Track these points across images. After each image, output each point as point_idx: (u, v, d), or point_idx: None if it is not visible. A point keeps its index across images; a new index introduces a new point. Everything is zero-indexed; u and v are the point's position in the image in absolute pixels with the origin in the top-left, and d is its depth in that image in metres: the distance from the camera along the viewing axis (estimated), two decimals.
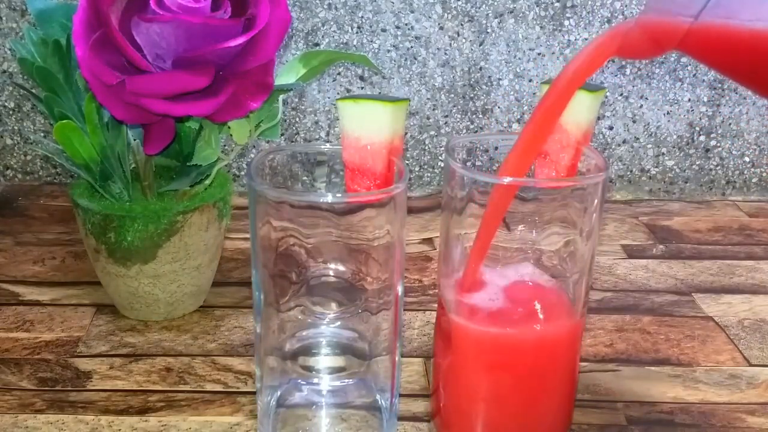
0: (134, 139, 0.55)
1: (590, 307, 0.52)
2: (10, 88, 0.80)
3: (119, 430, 0.48)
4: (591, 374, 0.54)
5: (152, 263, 0.56)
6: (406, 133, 0.82)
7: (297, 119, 0.82)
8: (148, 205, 0.55)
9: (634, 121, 0.82)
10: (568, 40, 0.80)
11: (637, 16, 0.37)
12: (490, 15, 0.79)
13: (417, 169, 0.84)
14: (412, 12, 0.78)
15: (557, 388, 0.45)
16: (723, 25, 0.32)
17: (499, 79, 0.81)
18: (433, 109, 0.82)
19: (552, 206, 0.44)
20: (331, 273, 0.44)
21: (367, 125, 0.41)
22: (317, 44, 0.79)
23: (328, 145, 0.45)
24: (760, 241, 0.75)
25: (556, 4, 0.79)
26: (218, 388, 0.52)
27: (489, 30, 0.79)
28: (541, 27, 0.79)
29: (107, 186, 0.55)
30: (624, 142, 0.83)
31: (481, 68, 0.80)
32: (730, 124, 0.83)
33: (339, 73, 0.80)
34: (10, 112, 0.81)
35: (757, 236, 0.76)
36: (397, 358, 0.44)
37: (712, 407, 0.51)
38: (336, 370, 0.45)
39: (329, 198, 0.40)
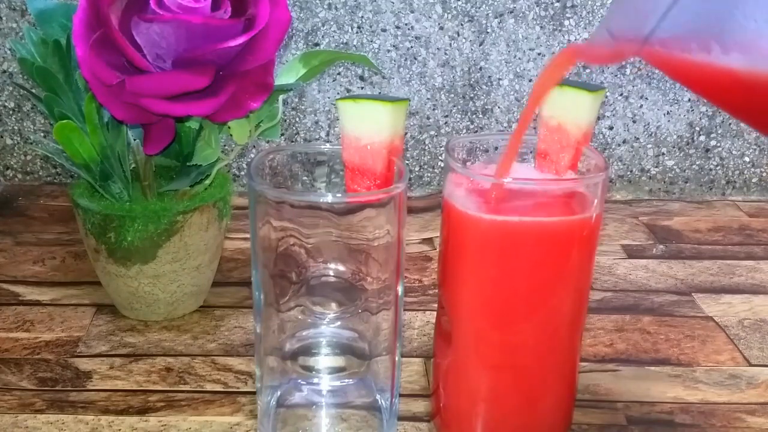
0: (134, 139, 0.55)
1: (590, 307, 0.52)
2: (10, 88, 0.80)
3: (119, 430, 0.48)
4: (591, 374, 0.54)
5: (152, 263, 0.56)
6: (406, 133, 0.82)
7: (297, 119, 0.82)
8: (148, 205, 0.55)
9: (634, 121, 0.82)
10: (568, 40, 0.80)
11: (598, 29, 0.37)
12: (490, 15, 0.79)
13: (417, 169, 0.84)
14: (412, 12, 0.79)
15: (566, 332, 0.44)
16: (664, 53, 0.32)
17: (499, 79, 0.81)
18: (433, 109, 0.82)
19: None
20: (331, 273, 0.44)
21: (367, 125, 0.41)
22: (317, 44, 0.79)
23: (328, 145, 0.45)
24: (760, 241, 0.75)
25: (556, 4, 0.79)
26: (218, 388, 0.52)
27: (489, 30, 0.79)
28: (541, 27, 0.79)
29: (107, 186, 0.55)
30: (624, 142, 0.83)
31: (481, 68, 0.80)
32: (730, 124, 0.83)
33: (339, 73, 0.80)
34: (10, 112, 0.81)
35: (757, 236, 0.76)
36: (397, 358, 0.44)
37: (712, 407, 0.51)
38: (336, 370, 0.45)
39: (329, 198, 0.40)
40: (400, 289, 0.43)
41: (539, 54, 0.80)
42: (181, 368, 0.54)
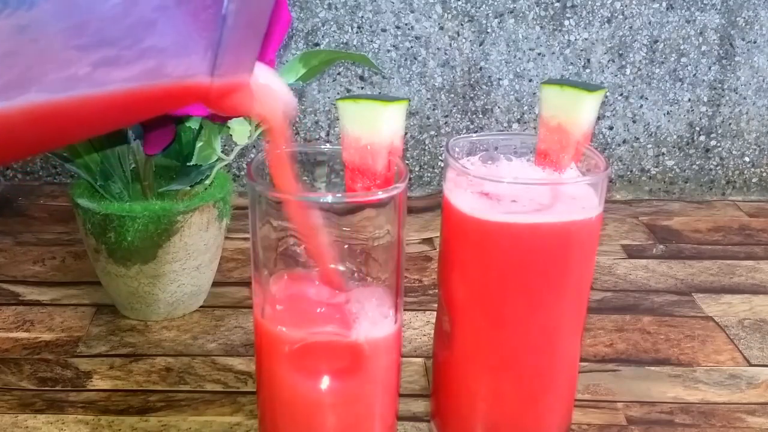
0: (134, 139, 0.55)
1: (590, 307, 0.52)
2: None
3: (119, 430, 0.48)
4: (591, 374, 0.54)
5: (152, 263, 0.56)
6: (406, 133, 0.82)
7: (297, 119, 0.82)
8: (148, 205, 0.55)
9: (634, 121, 0.82)
10: (568, 40, 0.80)
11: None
12: (490, 15, 0.79)
13: (417, 169, 0.84)
14: (412, 12, 0.79)
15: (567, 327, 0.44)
16: None
17: (499, 79, 0.81)
18: (433, 109, 0.82)
19: None
20: None
21: (367, 125, 0.41)
22: (317, 44, 0.79)
23: (328, 145, 0.45)
24: (760, 241, 0.75)
25: (556, 4, 0.79)
26: (218, 388, 0.52)
27: (489, 30, 0.79)
28: (541, 27, 0.79)
29: (107, 186, 0.55)
30: (624, 142, 0.83)
31: (481, 68, 0.80)
32: (730, 124, 0.83)
33: (339, 73, 0.80)
34: None
35: (757, 236, 0.76)
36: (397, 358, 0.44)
37: (712, 407, 0.51)
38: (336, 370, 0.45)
39: (329, 198, 0.40)
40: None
41: (539, 54, 0.80)
42: (181, 368, 0.54)
